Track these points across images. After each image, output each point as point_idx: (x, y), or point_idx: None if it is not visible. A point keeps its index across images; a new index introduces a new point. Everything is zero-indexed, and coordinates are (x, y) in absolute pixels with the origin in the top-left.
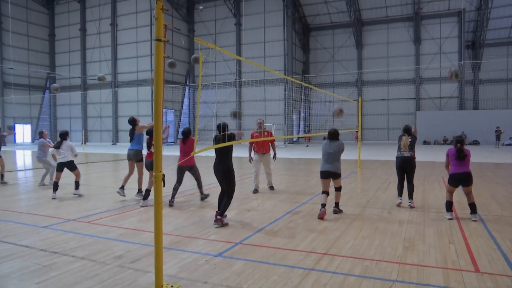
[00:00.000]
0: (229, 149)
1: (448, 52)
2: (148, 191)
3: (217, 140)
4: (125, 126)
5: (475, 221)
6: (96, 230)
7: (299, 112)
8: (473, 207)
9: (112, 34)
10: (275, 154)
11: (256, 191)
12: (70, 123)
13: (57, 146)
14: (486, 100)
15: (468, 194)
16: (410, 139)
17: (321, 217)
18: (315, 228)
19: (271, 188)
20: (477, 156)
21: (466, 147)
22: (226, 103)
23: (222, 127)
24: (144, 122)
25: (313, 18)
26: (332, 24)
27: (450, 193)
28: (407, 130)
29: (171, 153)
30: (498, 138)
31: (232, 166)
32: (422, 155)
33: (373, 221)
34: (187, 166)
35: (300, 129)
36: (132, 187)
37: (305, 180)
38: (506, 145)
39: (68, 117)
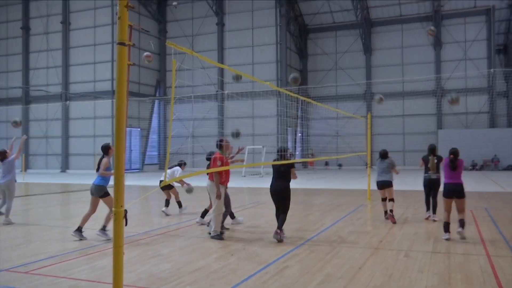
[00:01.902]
0: (289, 171)
1: (475, 58)
2: (206, 210)
3: (276, 166)
4: (77, 149)
5: (460, 234)
6: (37, 282)
7: (295, 131)
8: (462, 222)
9: (64, 35)
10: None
11: (222, 235)
12: (7, 144)
13: (170, 168)
14: None
15: (461, 211)
16: (436, 160)
17: (393, 221)
18: (315, 276)
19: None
20: None
21: (498, 173)
22: (205, 120)
23: (281, 150)
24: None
25: (312, 18)
26: (335, 24)
27: (447, 212)
28: (432, 150)
29: (135, 182)
30: None
31: (289, 186)
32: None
33: (387, 266)
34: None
35: (297, 153)
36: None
37: (303, 215)
38: None
39: (4, 137)
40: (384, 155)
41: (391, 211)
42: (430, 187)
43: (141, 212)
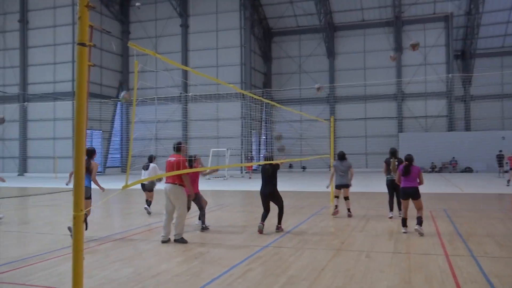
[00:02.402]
0: (275, 176)
1: (434, 63)
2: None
3: (265, 170)
4: (36, 151)
5: (418, 230)
6: None
7: (259, 134)
8: (419, 220)
9: (21, 34)
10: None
11: (184, 239)
12: None
13: (145, 168)
14: (479, 119)
15: (418, 209)
16: (397, 162)
17: (334, 214)
18: (279, 278)
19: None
20: (471, 187)
21: (456, 175)
22: (168, 122)
23: (268, 158)
24: (65, 145)
25: (276, 21)
26: (299, 28)
27: (405, 209)
28: (394, 153)
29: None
30: (501, 164)
31: (277, 188)
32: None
33: (349, 267)
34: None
35: (261, 155)
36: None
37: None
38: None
39: None
40: (342, 156)
41: (348, 209)
42: (393, 187)
43: (102, 215)
